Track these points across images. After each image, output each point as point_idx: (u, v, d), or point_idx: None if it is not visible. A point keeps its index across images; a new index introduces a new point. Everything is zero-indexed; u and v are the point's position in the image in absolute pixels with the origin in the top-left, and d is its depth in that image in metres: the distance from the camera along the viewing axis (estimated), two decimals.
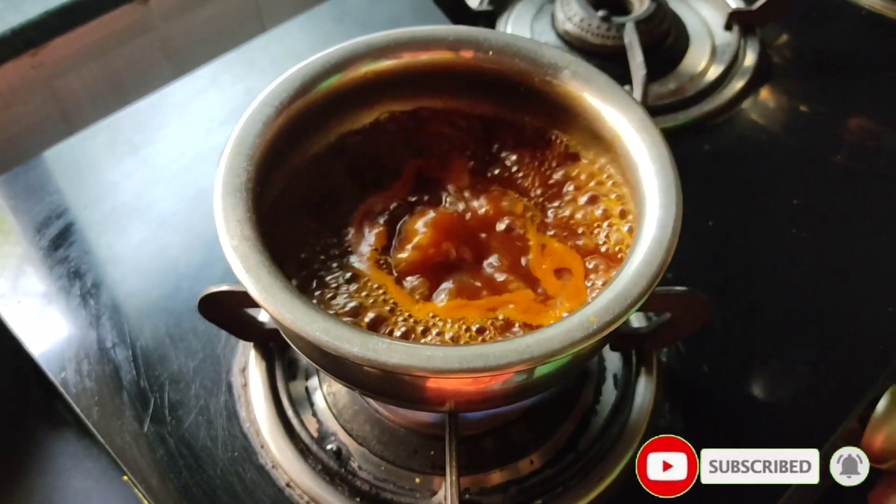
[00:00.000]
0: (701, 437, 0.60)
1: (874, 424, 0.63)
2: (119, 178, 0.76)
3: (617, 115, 0.53)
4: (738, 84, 0.85)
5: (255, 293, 0.45)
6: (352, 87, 0.57)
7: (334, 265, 0.53)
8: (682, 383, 0.63)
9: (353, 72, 0.56)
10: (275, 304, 0.44)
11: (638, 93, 0.74)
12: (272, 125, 0.53)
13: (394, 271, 0.53)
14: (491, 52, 0.57)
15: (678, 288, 0.56)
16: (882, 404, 0.64)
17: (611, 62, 0.81)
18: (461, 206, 0.56)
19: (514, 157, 0.59)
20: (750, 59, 0.87)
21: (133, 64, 0.92)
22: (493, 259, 0.54)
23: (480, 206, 0.56)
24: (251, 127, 0.52)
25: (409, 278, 0.52)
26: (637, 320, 0.65)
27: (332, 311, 0.50)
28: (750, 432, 0.61)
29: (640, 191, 0.51)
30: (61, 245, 0.70)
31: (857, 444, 0.64)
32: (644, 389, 0.62)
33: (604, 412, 0.61)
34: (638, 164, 0.51)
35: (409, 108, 0.60)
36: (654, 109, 0.81)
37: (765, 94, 0.86)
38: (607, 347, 0.64)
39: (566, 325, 0.44)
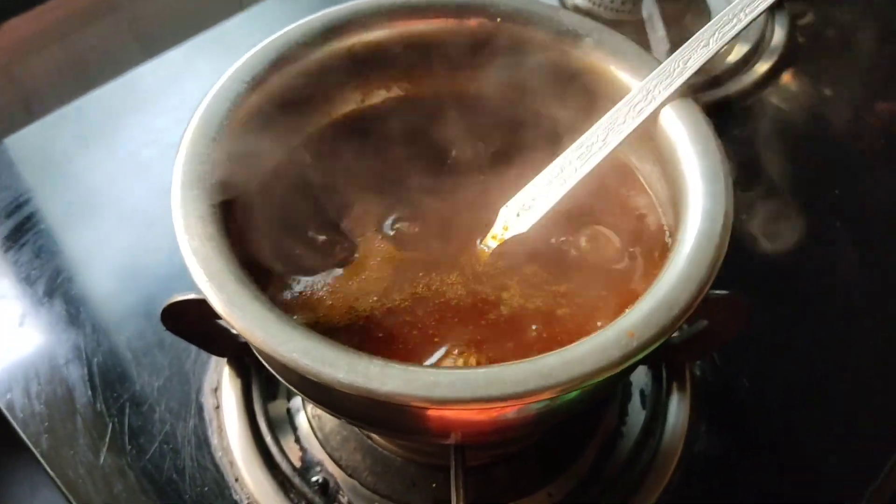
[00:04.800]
0: (743, 462, 0.53)
1: None
2: (82, 170, 0.68)
3: None
4: (765, 64, 0.78)
5: (217, 304, 0.37)
6: (338, 61, 0.49)
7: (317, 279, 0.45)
8: (719, 400, 0.55)
9: (338, 43, 0.48)
10: (242, 318, 0.36)
11: None
12: (243, 104, 0.45)
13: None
14: (499, 19, 0.49)
15: (717, 291, 0.48)
16: None
17: None
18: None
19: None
20: (778, 36, 0.79)
21: (99, 46, 0.84)
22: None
23: None
24: (218, 106, 0.44)
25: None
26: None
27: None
28: (799, 455, 0.53)
29: (680, 179, 0.43)
30: (11, 248, 0.62)
31: None
32: (676, 408, 0.54)
33: (631, 435, 0.53)
34: (677, 146, 0.44)
35: (403, 88, 0.52)
36: None
37: (796, 75, 0.78)
38: None
39: (599, 342, 0.36)
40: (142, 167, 0.69)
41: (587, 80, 0.49)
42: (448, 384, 0.34)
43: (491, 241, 0.46)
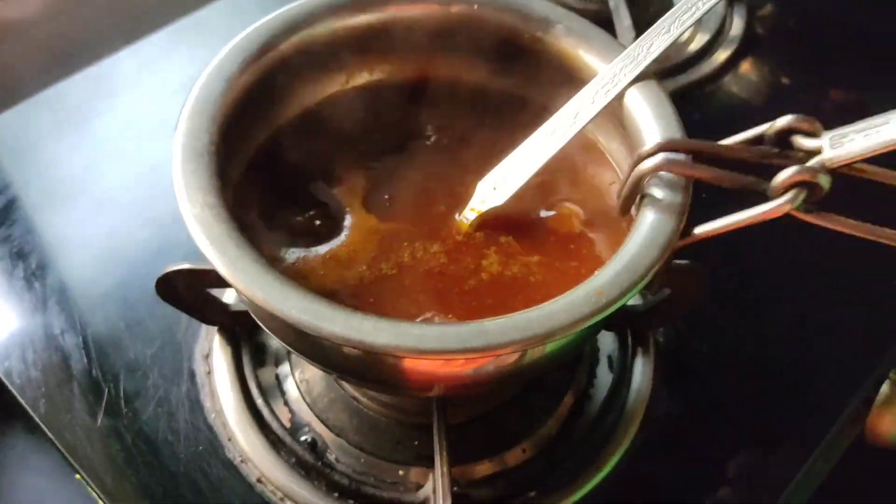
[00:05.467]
0: (701, 422, 0.57)
1: (877, 410, 0.60)
2: (64, 152, 0.70)
3: None
4: (724, 53, 0.82)
5: (221, 267, 0.39)
6: (321, 45, 0.52)
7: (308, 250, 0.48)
8: (680, 365, 0.59)
9: (321, 27, 0.51)
10: (244, 279, 0.39)
11: None
12: (236, 84, 0.47)
13: None
14: (476, 6, 0.52)
15: (679, 261, 0.51)
16: (884, 390, 0.61)
17: None
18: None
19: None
20: (737, 26, 0.83)
21: (78, 31, 0.85)
22: None
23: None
24: (213, 85, 0.47)
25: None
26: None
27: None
28: (752, 417, 0.57)
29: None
30: (2, 224, 0.64)
31: (861, 426, 0.61)
32: (641, 372, 0.58)
33: (598, 397, 0.57)
34: (641, 123, 0.47)
35: (385, 71, 0.55)
36: None
37: (753, 63, 0.82)
38: None
39: (571, 300, 0.39)
40: (122, 150, 0.70)
41: (558, 63, 0.52)
42: (436, 337, 0.38)
43: (469, 214, 0.50)
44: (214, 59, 0.48)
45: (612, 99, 0.48)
